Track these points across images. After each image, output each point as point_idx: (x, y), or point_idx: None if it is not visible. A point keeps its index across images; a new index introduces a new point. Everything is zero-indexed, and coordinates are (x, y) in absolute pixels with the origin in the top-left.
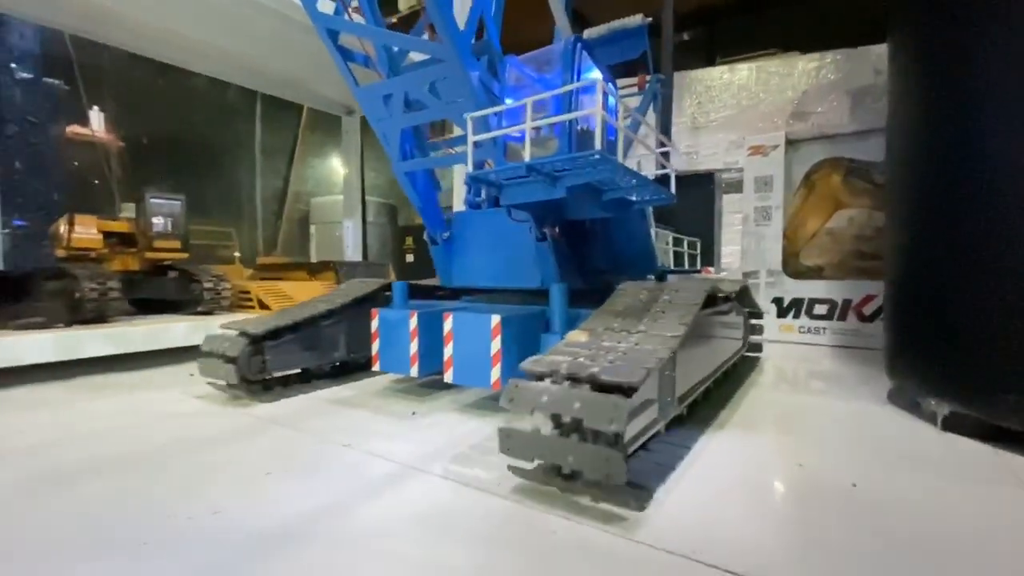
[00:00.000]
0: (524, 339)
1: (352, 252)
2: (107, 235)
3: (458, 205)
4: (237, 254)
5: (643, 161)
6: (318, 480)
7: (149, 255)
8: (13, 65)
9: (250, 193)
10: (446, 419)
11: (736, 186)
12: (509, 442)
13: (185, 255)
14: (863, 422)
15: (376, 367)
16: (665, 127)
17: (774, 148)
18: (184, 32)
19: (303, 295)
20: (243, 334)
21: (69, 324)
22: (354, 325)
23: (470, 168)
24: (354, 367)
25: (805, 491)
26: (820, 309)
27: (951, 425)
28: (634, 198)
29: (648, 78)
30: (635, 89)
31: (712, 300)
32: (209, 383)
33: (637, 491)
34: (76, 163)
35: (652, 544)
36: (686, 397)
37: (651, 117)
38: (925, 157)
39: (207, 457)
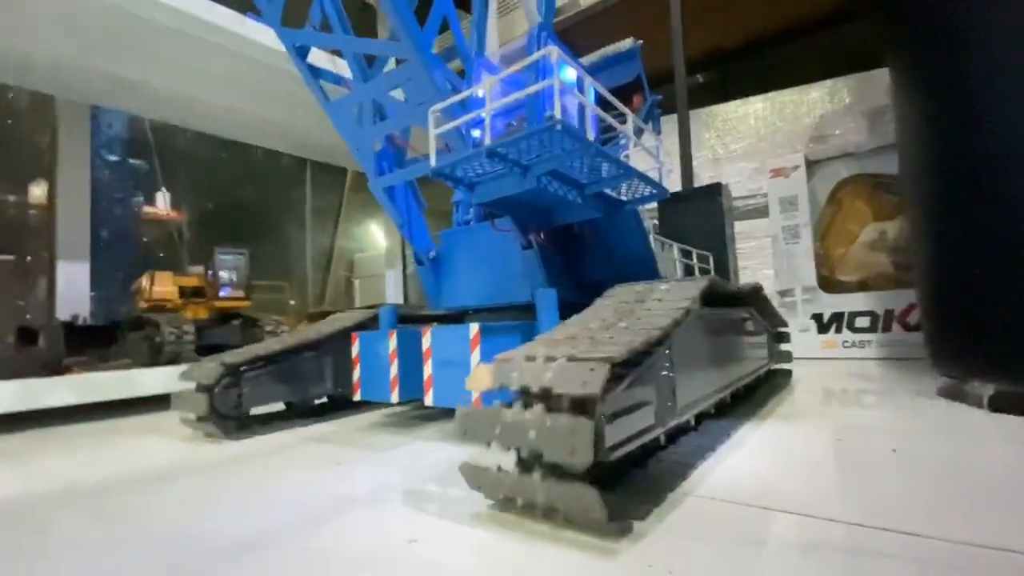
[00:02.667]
0: (505, 349)
1: (393, 298)
2: (181, 289)
3: None
4: (292, 301)
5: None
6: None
7: (218, 304)
8: (103, 150)
9: (301, 250)
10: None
11: (762, 211)
12: (475, 481)
13: (248, 303)
14: (912, 410)
15: (357, 396)
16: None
17: (794, 169)
18: (244, 109)
19: None
20: (220, 364)
21: (150, 365)
22: (341, 357)
23: (433, 162)
24: (343, 403)
25: (848, 456)
26: (862, 322)
27: (1000, 403)
28: (623, 196)
29: (644, 100)
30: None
31: (716, 298)
32: (182, 419)
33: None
34: (150, 235)
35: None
36: (694, 405)
37: (647, 140)
38: (936, 164)
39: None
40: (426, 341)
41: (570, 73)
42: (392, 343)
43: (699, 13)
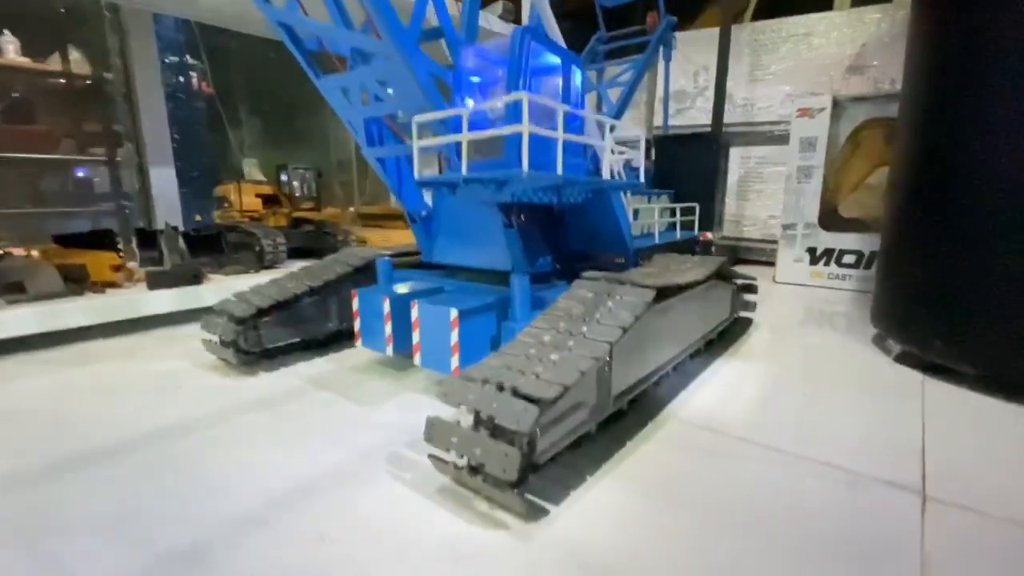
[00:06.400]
0: (482, 329)
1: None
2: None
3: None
4: (352, 208)
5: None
6: None
7: (296, 214)
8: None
9: (345, 147)
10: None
11: (784, 139)
12: (432, 430)
13: (319, 212)
14: (841, 356)
15: (359, 343)
16: (665, 89)
17: (820, 111)
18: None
19: (409, 240)
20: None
21: (257, 271)
22: (344, 298)
23: (416, 174)
24: (348, 335)
25: (771, 393)
26: (849, 259)
27: (902, 359)
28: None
29: (660, 20)
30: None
31: (669, 292)
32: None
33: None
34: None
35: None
36: (631, 391)
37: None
38: (921, 120)
39: None
40: (414, 312)
41: (553, 58)
42: (386, 307)
43: None
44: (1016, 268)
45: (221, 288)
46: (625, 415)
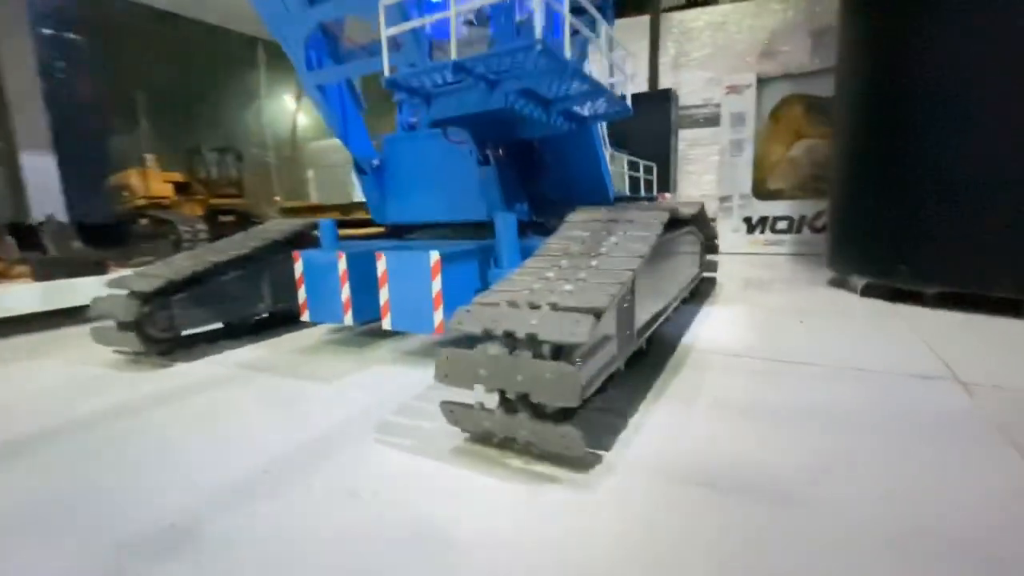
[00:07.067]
0: (468, 277)
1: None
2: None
3: None
4: (277, 198)
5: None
6: None
7: (213, 202)
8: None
9: (261, 140)
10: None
11: (714, 120)
12: (449, 366)
13: (242, 200)
14: (809, 295)
15: (305, 316)
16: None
17: (747, 87)
18: None
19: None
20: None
21: None
22: (280, 273)
23: (387, 71)
24: (283, 320)
25: (770, 324)
26: (782, 225)
27: (867, 292)
28: (586, 112)
29: None
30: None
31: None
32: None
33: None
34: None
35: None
36: (648, 327)
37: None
38: (865, 91)
39: None
40: (381, 265)
41: None
42: (342, 264)
43: None
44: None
45: None
46: (647, 353)
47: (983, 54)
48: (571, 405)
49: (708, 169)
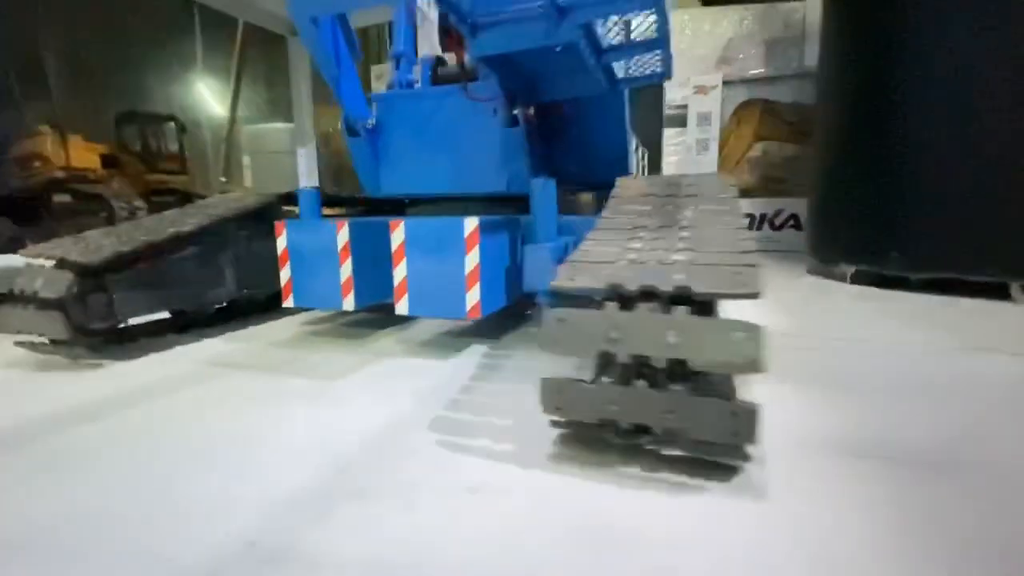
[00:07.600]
0: (500, 253)
1: (307, 182)
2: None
3: None
4: (224, 179)
5: None
6: None
7: (150, 178)
8: None
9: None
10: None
11: (674, 120)
12: (556, 400)
13: (185, 177)
14: (796, 283)
15: (289, 302)
16: None
17: (714, 88)
18: None
19: None
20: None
21: None
22: (248, 251)
23: None
24: (250, 308)
25: (784, 308)
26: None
27: (856, 279)
28: (622, 73)
29: None
30: None
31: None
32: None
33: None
34: None
35: None
36: None
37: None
38: (847, 95)
39: None
40: (397, 237)
41: None
42: (343, 236)
43: None
44: (959, 182)
45: None
46: None
47: (973, 40)
48: (760, 372)
49: (675, 168)
